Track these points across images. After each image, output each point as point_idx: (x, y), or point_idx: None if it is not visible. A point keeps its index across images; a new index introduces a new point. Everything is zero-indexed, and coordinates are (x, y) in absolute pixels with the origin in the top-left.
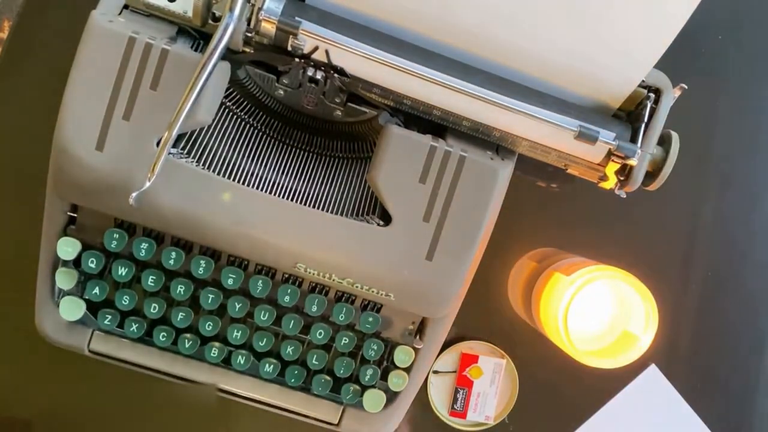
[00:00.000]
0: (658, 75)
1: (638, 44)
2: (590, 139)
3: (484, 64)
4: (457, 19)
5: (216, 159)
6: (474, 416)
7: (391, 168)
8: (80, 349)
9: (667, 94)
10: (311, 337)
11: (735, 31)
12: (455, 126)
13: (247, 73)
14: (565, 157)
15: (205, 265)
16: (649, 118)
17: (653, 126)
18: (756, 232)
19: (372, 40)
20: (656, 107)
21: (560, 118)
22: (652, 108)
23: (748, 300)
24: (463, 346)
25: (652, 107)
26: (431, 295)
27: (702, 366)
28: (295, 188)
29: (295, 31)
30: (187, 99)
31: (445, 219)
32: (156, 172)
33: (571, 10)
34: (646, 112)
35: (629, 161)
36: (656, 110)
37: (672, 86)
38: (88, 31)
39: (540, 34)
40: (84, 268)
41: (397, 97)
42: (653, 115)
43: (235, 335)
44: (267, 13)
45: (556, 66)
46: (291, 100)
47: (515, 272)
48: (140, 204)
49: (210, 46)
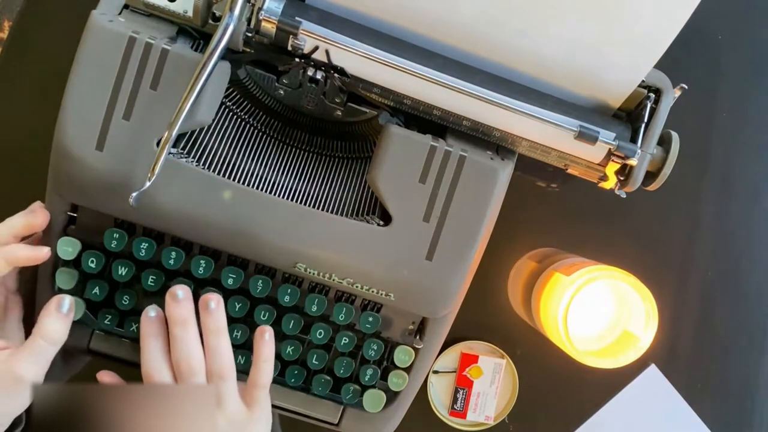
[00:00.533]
0: (658, 75)
1: (638, 44)
2: (590, 139)
3: (484, 63)
4: (457, 19)
5: (216, 159)
6: (474, 416)
7: (391, 168)
8: (80, 350)
9: (667, 94)
10: (311, 337)
11: (735, 31)
12: (455, 126)
13: (247, 73)
14: (565, 157)
15: (205, 265)
16: (649, 118)
17: (653, 126)
18: (756, 232)
19: (372, 40)
20: (656, 107)
21: (560, 118)
22: (652, 108)
23: (748, 300)
24: (463, 346)
25: (652, 107)
26: (431, 295)
27: (702, 366)
28: (295, 188)
29: (296, 31)
30: (187, 99)
31: (445, 219)
32: (156, 172)
33: (571, 10)
34: (646, 112)
35: (629, 161)
36: (656, 110)
37: (672, 86)
38: (88, 31)
39: (540, 34)
40: (84, 267)
41: (397, 97)
42: (653, 115)
43: (235, 335)
44: (267, 13)
45: (556, 66)
46: (291, 100)
47: (515, 272)
48: (140, 204)
49: (210, 46)
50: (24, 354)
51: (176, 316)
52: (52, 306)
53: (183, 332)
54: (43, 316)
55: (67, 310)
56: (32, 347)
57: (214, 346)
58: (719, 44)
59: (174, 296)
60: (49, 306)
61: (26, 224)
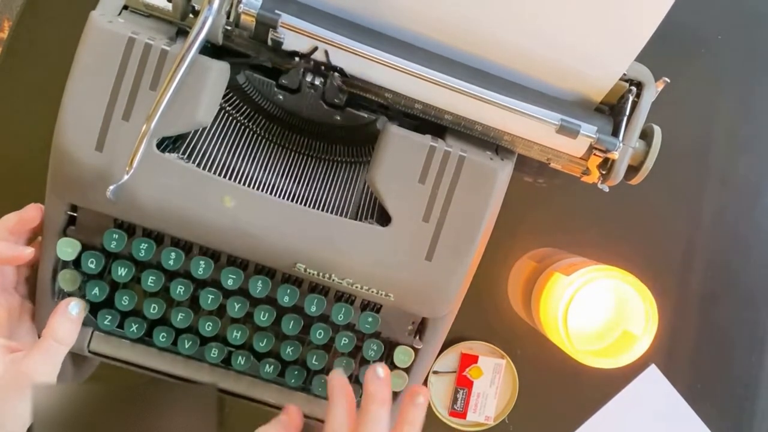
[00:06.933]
0: (639, 68)
1: (619, 37)
2: (571, 133)
3: (464, 57)
4: (436, 11)
5: (216, 163)
6: (474, 416)
7: (391, 168)
8: (80, 350)
9: (648, 88)
10: (311, 337)
11: (735, 31)
12: (437, 120)
13: (246, 78)
14: (547, 151)
15: (205, 265)
16: (631, 112)
17: (635, 119)
18: (756, 232)
19: (350, 32)
20: (638, 101)
21: (542, 112)
22: (634, 101)
23: (749, 299)
24: (463, 346)
25: (634, 101)
26: (431, 295)
27: (702, 366)
28: (294, 191)
29: (275, 24)
30: (165, 91)
31: (445, 219)
32: (135, 164)
33: (551, 3)
34: (628, 105)
35: (611, 155)
36: (638, 104)
37: (654, 80)
38: (88, 32)
39: (521, 27)
40: (84, 268)
41: (378, 90)
42: (635, 108)
43: (235, 335)
44: (246, 6)
45: (537, 59)
46: (290, 104)
47: (515, 272)
48: (118, 198)
49: (188, 39)
50: (35, 355)
51: (376, 395)
52: (62, 308)
53: (378, 411)
54: (54, 317)
55: (78, 312)
56: (43, 348)
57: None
58: (719, 44)
59: (376, 374)
60: (58, 308)
61: (19, 219)
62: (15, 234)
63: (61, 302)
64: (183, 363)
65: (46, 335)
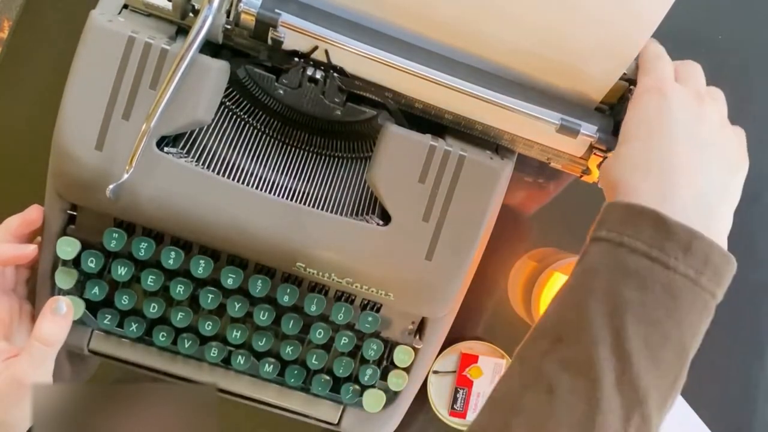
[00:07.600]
0: None
1: (618, 37)
2: (572, 132)
3: (465, 56)
4: (437, 11)
5: (216, 159)
6: (474, 416)
7: (391, 167)
8: (80, 349)
9: None
10: (311, 336)
11: (735, 31)
12: (437, 119)
13: (246, 73)
14: (547, 151)
15: (205, 264)
16: None
17: None
18: (756, 232)
19: (351, 32)
20: None
21: (542, 111)
22: None
23: (749, 299)
24: (463, 346)
25: None
26: (431, 295)
27: (702, 366)
28: (294, 188)
29: (275, 23)
30: (165, 90)
31: (445, 219)
32: (134, 164)
33: (552, 2)
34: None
35: (611, 154)
36: None
37: None
38: (88, 31)
39: (521, 26)
40: (83, 267)
41: (379, 90)
42: None
43: (235, 335)
44: (246, 5)
45: (537, 58)
46: (291, 99)
47: (515, 272)
48: (117, 197)
49: (188, 38)
50: (23, 359)
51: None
52: (47, 309)
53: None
54: (39, 319)
55: (64, 312)
56: (29, 351)
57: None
58: (719, 44)
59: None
60: (44, 309)
61: (22, 221)
62: (17, 237)
63: (48, 302)
64: (183, 362)
65: (30, 337)
